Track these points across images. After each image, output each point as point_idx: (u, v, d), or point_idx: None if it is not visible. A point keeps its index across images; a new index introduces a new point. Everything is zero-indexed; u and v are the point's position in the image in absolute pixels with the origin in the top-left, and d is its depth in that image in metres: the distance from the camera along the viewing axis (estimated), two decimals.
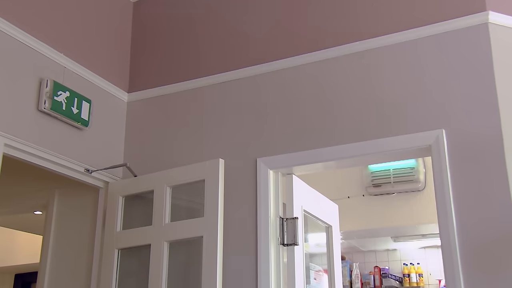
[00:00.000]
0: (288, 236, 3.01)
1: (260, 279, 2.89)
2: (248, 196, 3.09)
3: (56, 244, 3.55)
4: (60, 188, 3.64)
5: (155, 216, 3.17)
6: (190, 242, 3.17)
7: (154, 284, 3.02)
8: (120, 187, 3.38)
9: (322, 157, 3.00)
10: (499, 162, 2.58)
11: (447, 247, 2.59)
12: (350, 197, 5.35)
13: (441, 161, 2.68)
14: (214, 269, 2.86)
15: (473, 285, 2.49)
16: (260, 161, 3.12)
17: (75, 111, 3.16)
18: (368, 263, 6.48)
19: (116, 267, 3.20)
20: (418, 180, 5.06)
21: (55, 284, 3.46)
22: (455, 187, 2.63)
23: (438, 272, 6.03)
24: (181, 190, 3.25)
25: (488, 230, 2.54)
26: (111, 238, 3.27)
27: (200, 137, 3.38)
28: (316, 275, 3.45)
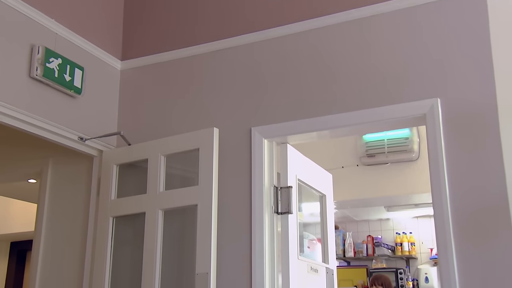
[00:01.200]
0: (282, 204, 3.03)
1: (254, 247, 2.92)
2: (243, 165, 3.09)
3: (51, 212, 3.55)
4: (54, 157, 3.63)
5: (150, 184, 3.17)
6: (184, 211, 3.18)
7: (148, 252, 3.04)
8: (114, 156, 3.37)
9: (317, 126, 2.99)
10: (493, 131, 2.58)
11: (439, 216, 2.61)
12: (344, 167, 5.37)
13: (435, 130, 2.68)
14: (208, 237, 2.87)
15: (465, 254, 2.53)
16: (254, 130, 3.11)
17: (67, 78, 3.12)
18: (361, 232, 6.56)
19: (111, 235, 3.22)
20: (412, 150, 5.08)
21: (50, 252, 3.48)
22: (449, 156, 2.64)
23: (430, 241, 6.12)
24: (175, 159, 3.25)
25: (481, 199, 2.56)
26: (105, 206, 3.28)
27: (194, 105, 3.36)
28: (309, 243, 3.49)
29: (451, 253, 2.53)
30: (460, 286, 2.49)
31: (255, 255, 2.90)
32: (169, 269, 3.07)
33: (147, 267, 3.02)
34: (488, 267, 2.47)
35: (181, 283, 3.16)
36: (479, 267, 2.49)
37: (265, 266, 2.87)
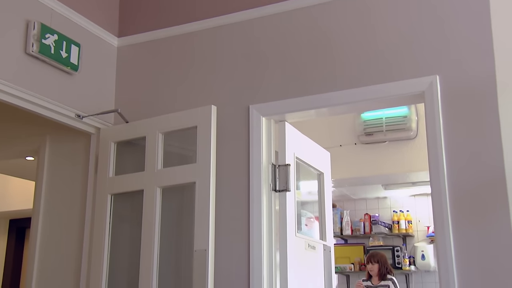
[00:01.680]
0: (280, 182, 3.03)
1: (252, 224, 2.93)
2: (241, 143, 3.09)
3: (49, 190, 3.56)
4: (51, 134, 3.62)
5: (148, 162, 3.17)
6: (182, 188, 3.18)
7: (147, 229, 3.06)
8: (111, 133, 3.36)
9: (315, 104, 2.98)
10: (492, 109, 2.58)
11: (437, 193, 2.62)
12: (342, 145, 5.37)
13: (433, 108, 2.67)
14: (206, 215, 2.88)
15: (461, 231, 2.54)
16: (252, 108, 3.10)
17: (64, 55, 3.09)
18: (359, 210, 6.60)
19: (109, 213, 3.23)
20: (410, 129, 5.07)
21: (49, 229, 3.49)
22: (447, 134, 2.64)
23: (426, 219, 6.16)
24: (173, 137, 3.24)
25: (478, 176, 2.56)
26: (103, 183, 3.28)
27: (192, 83, 3.34)
28: (307, 221, 3.50)
29: (448, 231, 2.55)
30: (456, 262, 2.51)
31: (253, 232, 2.91)
32: (167, 246, 3.09)
33: (145, 244, 3.03)
34: (484, 244, 2.49)
35: (179, 260, 3.18)
36: (475, 244, 2.51)
37: (263, 243, 2.89)
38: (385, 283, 5.20)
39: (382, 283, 5.22)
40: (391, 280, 5.22)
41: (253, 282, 2.84)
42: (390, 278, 5.25)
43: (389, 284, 5.19)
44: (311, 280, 3.28)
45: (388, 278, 5.24)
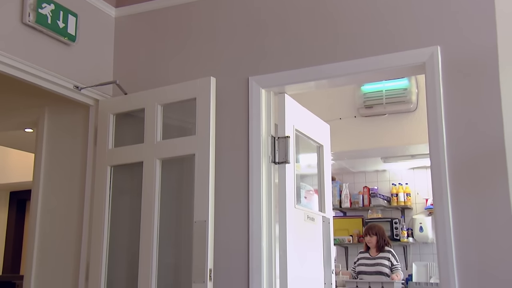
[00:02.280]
0: (279, 154, 3.03)
1: (251, 196, 2.94)
2: (240, 115, 3.07)
3: (48, 161, 3.56)
4: (50, 106, 3.60)
5: (147, 134, 3.16)
6: (182, 161, 3.19)
7: (147, 200, 3.07)
8: (110, 105, 3.35)
9: (315, 76, 2.96)
10: (493, 80, 2.56)
11: (436, 165, 2.62)
12: (342, 118, 5.36)
13: (434, 79, 2.65)
14: (206, 186, 2.89)
15: (460, 202, 2.55)
16: (252, 79, 3.08)
17: (61, 25, 3.06)
18: (358, 183, 6.62)
19: (109, 184, 3.23)
20: (410, 101, 5.06)
21: (49, 201, 3.50)
22: (447, 105, 2.63)
23: (425, 191, 6.19)
24: (172, 109, 3.23)
25: (478, 148, 2.56)
26: (103, 155, 3.28)
27: (191, 54, 3.31)
28: (306, 194, 3.52)
29: (447, 202, 2.56)
30: (454, 234, 2.53)
31: (252, 204, 2.93)
32: (167, 218, 3.11)
33: (145, 215, 3.05)
34: (482, 215, 2.50)
35: (179, 231, 3.20)
36: (473, 215, 2.52)
37: (262, 214, 2.90)
38: (383, 255, 5.26)
39: (380, 254, 5.28)
40: (390, 252, 5.28)
41: (252, 252, 2.87)
42: (389, 250, 5.31)
43: (388, 256, 5.25)
44: (310, 251, 3.31)
45: (387, 250, 5.30)
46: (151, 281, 2.92)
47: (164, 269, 3.01)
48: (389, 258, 5.23)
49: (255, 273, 2.84)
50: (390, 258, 5.23)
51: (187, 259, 2.92)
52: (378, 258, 5.27)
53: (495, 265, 2.45)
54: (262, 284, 2.82)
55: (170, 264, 3.12)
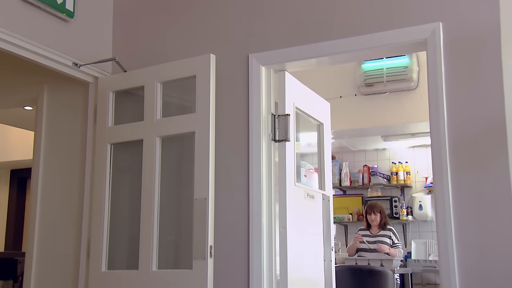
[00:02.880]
0: (279, 132, 3.03)
1: (251, 174, 2.94)
2: (240, 93, 3.06)
3: (48, 139, 3.55)
4: (49, 83, 3.58)
5: (147, 111, 3.15)
6: (182, 139, 3.18)
7: (147, 178, 3.07)
8: (110, 82, 3.33)
9: (316, 53, 2.94)
10: (495, 57, 2.54)
11: (436, 143, 2.61)
12: (342, 96, 5.34)
13: (436, 56, 2.63)
14: (206, 164, 2.89)
15: (460, 180, 2.55)
16: (252, 57, 3.06)
17: (59, 0, 3.02)
18: (358, 162, 6.63)
19: (109, 162, 3.24)
20: (411, 79, 5.03)
21: (50, 180, 3.50)
22: (449, 82, 2.61)
23: (425, 170, 6.21)
24: (172, 86, 3.21)
25: (478, 125, 2.55)
26: (102, 133, 3.27)
27: (190, 31, 3.28)
28: (306, 172, 3.52)
29: (446, 180, 2.56)
30: (454, 211, 2.53)
31: (253, 182, 2.93)
32: (168, 195, 3.12)
33: (146, 193, 3.06)
34: (482, 193, 2.51)
35: (180, 208, 3.22)
36: (473, 193, 2.53)
37: (262, 192, 2.91)
38: (385, 233, 5.29)
39: (382, 232, 5.31)
40: (391, 231, 5.31)
41: (252, 229, 2.88)
42: (390, 228, 5.34)
43: (389, 234, 5.28)
44: (310, 228, 3.32)
45: (388, 228, 5.33)
46: (152, 258, 2.95)
47: (164, 246, 3.03)
48: (390, 236, 5.26)
49: (255, 250, 2.86)
50: (391, 236, 5.26)
51: (187, 236, 2.93)
52: (379, 236, 5.30)
53: (494, 243, 2.46)
54: (262, 261, 2.85)
55: (171, 241, 3.14)
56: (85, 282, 3.16)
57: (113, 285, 3.05)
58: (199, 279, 2.76)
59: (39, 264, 3.38)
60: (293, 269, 2.92)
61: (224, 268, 2.90)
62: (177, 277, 2.86)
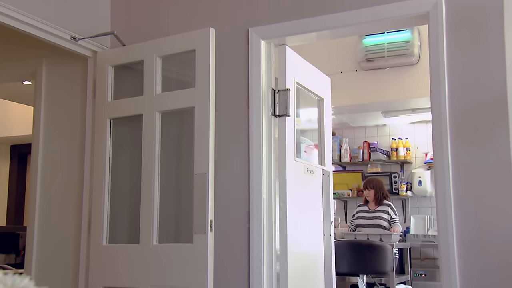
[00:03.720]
0: (279, 107, 3.02)
1: (251, 148, 2.94)
2: (240, 67, 3.04)
3: (48, 114, 3.54)
4: (48, 57, 3.56)
5: (146, 86, 3.14)
6: (182, 114, 3.17)
7: (147, 153, 3.07)
8: (108, 57, 3.31)
9: (316, 26, 2.91)
10: (498, 31, 2.51)
11: (437, 118, 2.61)
12: (343, 72, 5.31)
13: (437, 29, 2.61)
14: (206, 139, 2.89)
15: (460, 155, 2.55)
16: (252, 31, 3.03)
17: None
18: (358, 138, 6.63)
19: (109, 137, 3.23)
20: (412, 54, 4.99)
21: (50, 155, 3.50)
22: (450, 56, 2.59)
23: (425, 146, 6.21)
24: (171, 61, 3.19)
25: (480, 101, 2.54)
26: (102, 108, 3.26)
27: (190, 4, 3.25)
28: (307, 148, 3.52)
29: (447, 155, 2.56)
30: (453, 186, 2.54)
31: (253, 155, 2.93)
32: (168, 170, 3.12)
33: (146, 168, 3.06)
34: (482, 168, 2.51)
35: (180, 183, 3.23)
36: (473, 168, 2.53)
37: (262, 167, 2.91)
38: (383, 208, 5.32)
39: (379, 208, 5.33)
40: (389, 206, 5.33)
41: (252, 204, 2.90)
42: (388, 203, 5.36)
43: (387, 209, 5.30)
44: (310, 203, 3.34)
45: (386, 204, 5.35)
46: (153, 232, 2.97)
47: (165, 220, 3.05)
48: (388, 211, 5.29)
49: (255, 224, 2.87)
50: (389, 212, 5.29)
51: (188, 211, 2.95)
52: (377, 211, 5.33)
53: (493, 217, 2.48)
54: (262, 235, 2.87)
55: (171, 215, 3.16)
56: (86, 256, 3.19)
57: (114, 258, 3.07)
58: (200, 253, 2.78)
59: (40, 238, 3.41)
60: (292, 243, 2.95)
61: (224, 242, 2.92)
62: (177, 251, 2.89)
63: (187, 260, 2.82)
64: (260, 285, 2.83)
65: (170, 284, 2.89)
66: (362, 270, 4.60)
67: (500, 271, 2.42)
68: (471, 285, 2.46)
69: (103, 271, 3.09)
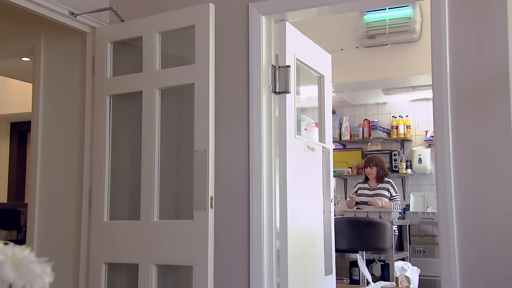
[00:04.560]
0: (280, 84, 3.00)
1: (252, 126, 2.94)
2: (240, 44, 3.01)
3: (47, 91, 3.52)
4: (46, 33, 3.52)
5: (145, 63, 3.11)
6: (182, 91, 3.16)
7: (147, 130, 3.07)
8: (107, 33, 3.27)
9: (317, 2, 2.88)
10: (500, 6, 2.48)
11: (438, 94, 2.59)
12: (344, 49, 5.27)
13: (440, 5, 2.57)
14: (206, 116, 2.88)
15: (461, 132, 2.54)
16: (252, 6, 2.99)
17: None
18: (358, 116, 6.62)
19: (109, 114, 3.22)
20: (413, 31, 4.95)
21: (49, 132, 3.50)
22: (452, 33, 2.56)
23: (425, 123, 6.21)
24: (170, 37, 3.16)
25: (481, 77, 2.52)
26: (101, 84, 3.24)
27: None
28: (307, 126, 3.51)
29: (447, 131, 2.55)
30: (454, 162, 2.54)
31: (253, 132, 2.93)
32: (168, 147, 3.12)
33: (146, 145, 3.06)
34: (482, 145, 2.51)
35: (180, 160, 3.23)
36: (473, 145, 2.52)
37: (262, 144, 2.91)
38: (383, 186, 5.34)
39: (380, 185, 5.35)
40: (389, 183, 5.35)
41: (252, 181, 2.90)
42: (388, 181, 5.38)
43: (388, 186, 5.32)
44: (310, 180, 3.34)
45: (386, 181, 5.37)
46: (153, 208, 2.98)
47: (166, 197, 3.06)
48: (389, 188, 5.31)
49: (256, 201, 2.88)
50: (389, 189, 5.31)
51: (188, 188, 2.96)
52: (377, 189, 5.35)
53: (493, 195, 2.48)
54: (262, 211, 2.88)
55: (172, 192, 3.17)
56: (87, 232, 3.21)
57: (115, 235, 3.09)
58: (200, 229, 2.80)
59: (41, 215, 3.43)
60: (292, 220, 2.96)
61: (224, 219, 2.93)
62: (178, 227, 2.90)
63: (187, 236, 2.84)
64: (260, 262, 2.85)
65: (171, 260, 2.91)
66: (361, 247, 4.64)
67: (500, 249, 2.44)
68: (470, 262, 2.48)
69: (104, 247, 3.11)
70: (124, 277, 3.24)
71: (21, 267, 0.56)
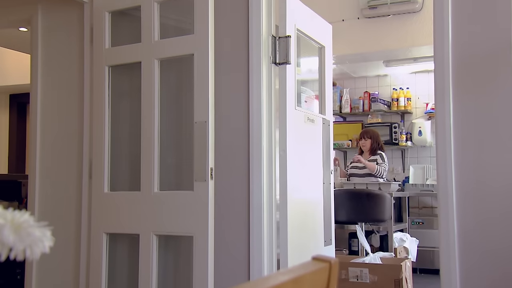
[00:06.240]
0: (280, 54, 2.97)
1: (251, 96, 2.92)
2: (240, 14, 2.97)
3: (45, 62, 3.49)
4: (43, 3, 3.47)
5: (144, 33, 3.07)
6: (181, 61, 3.13)
7: (146, 101, 3.05)
8: (105, 2, 3.22)
9: None
10: None
11: (439, 65, 2.57)
12: (345, 20, 5.21)
13: None
14: (206, 87, 2.85)
15: (462, 104, 2.53)
16: None
17: None
18: (359, 88, 6.60)
19: (108, 85, 3.20)
20: (415, 1, 4.89)
21: (49, 104, 3.48)
22: (455, 3, 2.53)
23: (426, 96, 6.19)
24: (169, 7, 3.11)
25: (483, 49, 2.50)
26: (100, 55, 3.21)
27: None
28: (307, 98, 3.50)
29: (448, 103, 2.54)
30: (454, 135, 2.53)
31: (253, 103, 2.91)
32: (168, 119, 3.11)
33: (145, 116, 3.04)
34: (483, 117, 2.50)
35: (180, 132, 3.22)
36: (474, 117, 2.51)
37: (262, 112, 2.90)
38: (374, 158, 5.33)
39: (371, 157, 5.36)
40: (379, 155, 5.34)
41: (252, 152, 2.90)
42: (379, 153, 5.36)
43: (376, 158, 5.32)
44: (310, 152, 3.34)
45: (377, 153, 5.36)
46: (154, 179, 2.98)
47: (166, 168, 3.06)
48: (377, 159, 5.30)
49: (256, 172, 2.88)
50: (377, 159, 5.29)
51: (188, 159, 2.96)
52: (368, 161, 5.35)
53: (494, 167, 2.48)
54: (262, 183, 2.88)
55: (172, 163, 3.17)
56: (88, 203, 3.22)
57: (115, 205, 3.10)
58: (200, 200, 2.81)
59: (42, 186, 3.44)
60: (292, 191, 2.97)
61: (225, 190, 2.94)
62: (178, 198, 2.91)
63: (187, 207, 2.85)
64: (260, 233, 2.87)
65: (171, 231, 2.93)
66: (360, 218, 4.67)
67: (499, 221, 2.45)
68: (468, 233, 2.50)
69: (105, 218, 3.12)
70: (125, 247, 3.27)
71: (21, 230, 0.56)
